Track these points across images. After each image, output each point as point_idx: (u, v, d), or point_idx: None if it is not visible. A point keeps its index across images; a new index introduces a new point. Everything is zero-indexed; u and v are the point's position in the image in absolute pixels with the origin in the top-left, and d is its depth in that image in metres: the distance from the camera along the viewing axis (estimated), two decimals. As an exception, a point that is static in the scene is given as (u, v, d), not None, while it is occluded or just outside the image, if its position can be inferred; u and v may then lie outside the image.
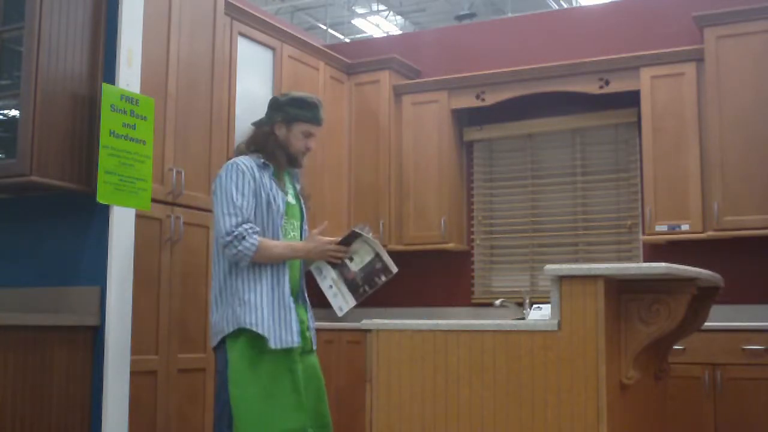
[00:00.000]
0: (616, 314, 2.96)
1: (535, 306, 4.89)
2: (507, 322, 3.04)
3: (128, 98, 3.67)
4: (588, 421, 2.78)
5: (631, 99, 5.33)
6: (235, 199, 3.16)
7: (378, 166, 5.81)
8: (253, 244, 3.13)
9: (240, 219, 3.15)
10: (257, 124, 3.41)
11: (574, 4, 12.93)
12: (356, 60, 5.99)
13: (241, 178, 3.20)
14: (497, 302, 5.25)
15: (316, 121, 3.39)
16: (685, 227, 4.98)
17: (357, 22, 15.01)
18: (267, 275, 3.20)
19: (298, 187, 3.50)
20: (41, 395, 3.34)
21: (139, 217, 3.75)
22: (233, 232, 3.12)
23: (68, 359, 3.48)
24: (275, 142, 3.33)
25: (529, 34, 5.97)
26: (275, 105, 3.38)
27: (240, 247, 3.12)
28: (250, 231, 3.14)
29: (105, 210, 3.62)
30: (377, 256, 3.33)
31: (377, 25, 15.06)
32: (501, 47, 5.97)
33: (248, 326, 3.11)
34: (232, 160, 3.28)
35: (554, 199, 5.80)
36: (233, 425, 3.11)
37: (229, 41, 4.85)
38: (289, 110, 3.34)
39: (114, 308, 3.57)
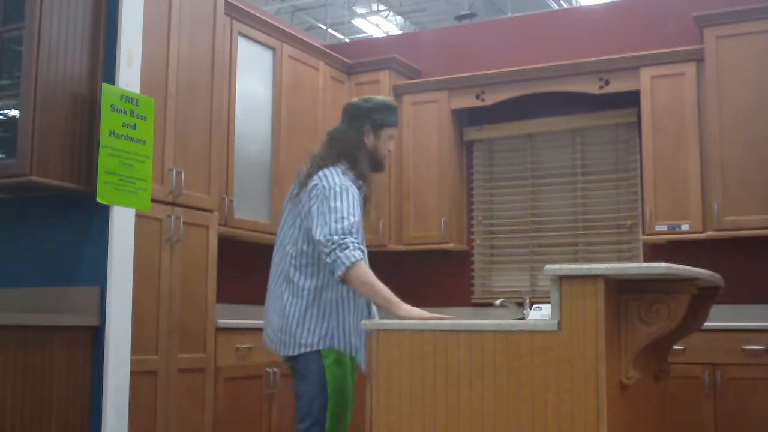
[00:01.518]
0: (616, 314, 2.96)
1: (535, 306, 4.88)
2: (507, 322, 3.03)
3: (128, 98, 3.67)
4: (588, 421, 2.78)
5: (631, 99, 5.33)
6: (346, 211, 3.02)
7: (378, 166, 5.80)
8: (354, 257, 2.95)
9: (348, 228, 2.99)
10: (337, 133, 3.30)
11: (574, 4, 12.93)
12: (356, 60, 5.99)
13: (354, 198, 3.09)
14: (497, 302, 5.25)
15: (398, 123, 3.34)
16: (685, 227, 4.98)
17: (357, 22, 15.01)
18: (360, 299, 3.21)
19: None
20: (41, 395, 3.34)
21: (139, 217, 3.75)
22: (337, 238, 2.96)
23: (68, 359, 3.47)
24: (366, 151, 3.24)
25: (529, 34, 5.97)
26: (359, 112, 3.26)
27: (341, 255, 2.94)
28: (355, 243, 2.99)
29: (105, 210, 3.62)
30: None
31: (377, 25, 15.06)
32: (501, 47, 5.97)
33: (344, 350, 3.19)
34: (337, 175, 3.13)
35: (554, 199, 5.80)
36: (325, 426, 3.17)
37: (229, 41, 4.85)
38: (376, 116, 3.25)
39: (114, 308, 3.57)
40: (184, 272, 4.09)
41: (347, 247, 2.96)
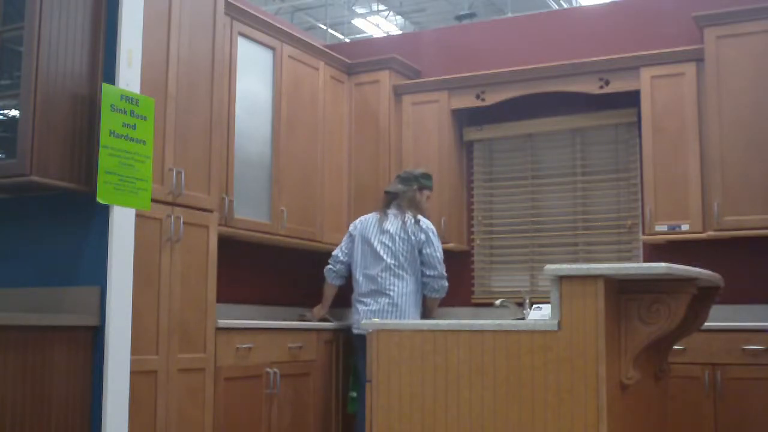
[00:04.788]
0: (616, 314, 2.96)
1: (535, 306, 4.89)
2: (507, 322, 3.04)
3: (128, 98, 3.67)
4: (588, 421, 2.78)
5: (631, 99, 5.33)
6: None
7: (378, 166, 5.81)
8: None
9: None
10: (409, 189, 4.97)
11: (574, 4, 12.93)
12: (356, 60, 5.99)
13: None
14: (497, 302, 5.25)
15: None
16: (685, 227, 4.98)
17: (357, 22, 15.02)
18: None
19: None
20: (41, 395, 3.34)
21: (139, 217, 3.75)
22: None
23: (68, 359, 3.48)
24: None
25: (529, 34, 5.97)
26: (414, 177, 5.01)
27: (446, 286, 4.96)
28: None
29: (105, 210, 3.62)
30: None
31: (377, 25, 15.07)
32: (501, 47, 5.97)
33: None
34: (429, 222, 4.94)
35: (554, 199, 5.80)
36: None
37: (229, 41, 4.85)
38: (423, 182, 5.02)
39: (114, 308, 3.57)
40: (184, 272, 4.09)
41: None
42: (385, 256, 4.82)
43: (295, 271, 5.86)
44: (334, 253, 5.10)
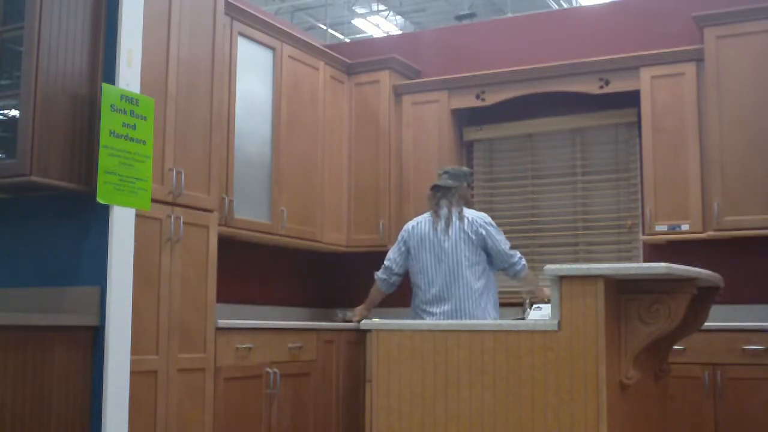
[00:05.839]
0: (616, 314, 2.96)
1: (535, 306, 4.89)
2: (507, 322, 3.04)
3: (128, 98, 3.67)
4: (588, 421, 2.78)
5: (631, 99, 5.33)
6: None
7: (378, 166, 5.81)
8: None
9: None
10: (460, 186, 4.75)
11: (574, 4, 12.94)
12: (356, 60, 5.99)
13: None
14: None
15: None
16: (685, 227, 4.98)
17: (357, 22, 15.02)
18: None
19: None
20: (41, 395, 3.34)
21: (139, 217, 3.75)
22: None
23: (68, 359, 3.47)
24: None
25: (529, 34, 5.97)
26: (463, 174, 4.81)
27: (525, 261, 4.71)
28: None
29: (105, 210, 3.61)
30: None
31: (377, 25, 15.07)
32: (501, 47, 5.97)
33: None
34: (483, 215, 4.76)
35: (554, 199, 5.80)
36: None
37: (229, 41, 4.85)
38: (469, 179, 4.88)
39: (114, 308, 3.57)
40: (184, 272, 4.09)
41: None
42: (448, 261, 4.62)
43: (295, 271, 5.86)
44: (386, 263, 4.84)
